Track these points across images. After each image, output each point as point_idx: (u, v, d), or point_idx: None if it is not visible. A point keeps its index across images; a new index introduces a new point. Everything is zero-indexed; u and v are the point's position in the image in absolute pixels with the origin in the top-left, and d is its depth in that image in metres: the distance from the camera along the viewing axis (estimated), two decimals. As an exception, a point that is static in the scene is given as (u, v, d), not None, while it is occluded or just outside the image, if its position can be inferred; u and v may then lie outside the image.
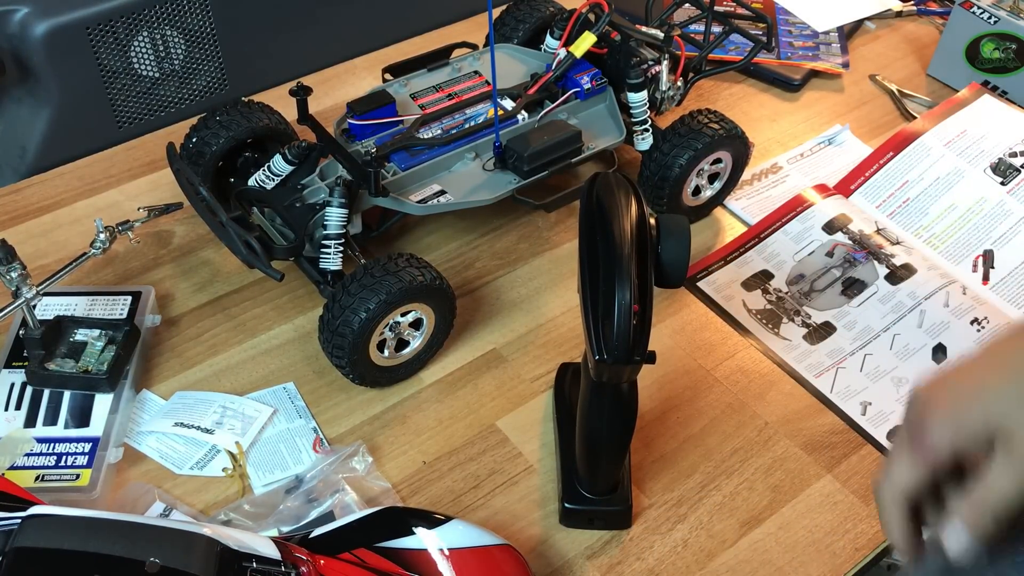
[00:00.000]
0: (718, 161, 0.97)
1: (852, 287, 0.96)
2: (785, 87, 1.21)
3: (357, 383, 0.83)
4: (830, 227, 1.01)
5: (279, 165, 0.87)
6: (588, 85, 0.95)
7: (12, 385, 0.80)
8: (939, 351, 0.91)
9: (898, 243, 1.00)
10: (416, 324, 0.83)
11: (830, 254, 0.99)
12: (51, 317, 0.83)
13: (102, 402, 0.79)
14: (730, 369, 0.89)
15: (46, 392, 0.80)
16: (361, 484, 0.76)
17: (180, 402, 0.81)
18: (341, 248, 0.84)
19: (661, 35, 0.96)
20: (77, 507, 0.60)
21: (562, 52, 0.95)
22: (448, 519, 0.68)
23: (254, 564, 0.60)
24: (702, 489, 0.79)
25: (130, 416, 0.80)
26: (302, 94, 0.85)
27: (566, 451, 0.77)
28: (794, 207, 1.03)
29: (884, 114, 1.19)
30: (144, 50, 1.05)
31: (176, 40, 1.07)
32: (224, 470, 0.78)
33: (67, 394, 0.79)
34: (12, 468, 0.75)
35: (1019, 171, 1.05)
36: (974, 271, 0.99)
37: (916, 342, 0.91)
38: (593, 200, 0.66)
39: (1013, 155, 1.07)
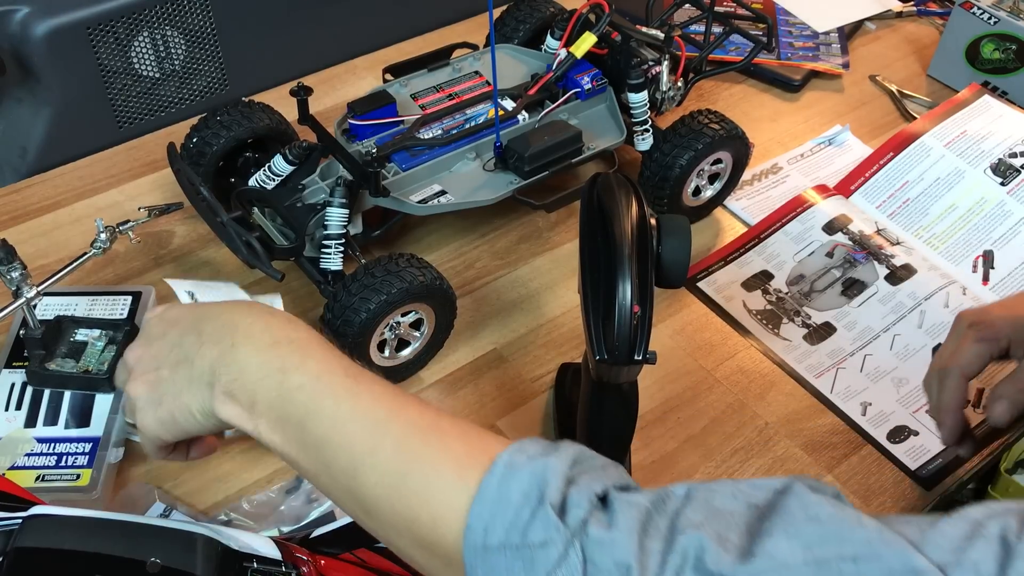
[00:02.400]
0: (718, 161, 0.97)
1: (852, 287, 0.96)
2: (785, 87, 1.21)
3: (357, 383, 0.83)
4: (830, 227, 1.01)
5: (280, 165, 0.87)
6: (588, 85, 0.95)
7: (12, 385, 0.80)
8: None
9: (898, 243, 1.00)
10: (416, 324, 0.83)
11: (830, 254, 0.99)
12: (51, 317, 0.83)
13: (102, 402, 0.79)
14: (730, 369, 0.89)
15: (46, 392, 0.80)
16: (362, 484, 0.76)
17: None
18: (342, 248, 0.84)
19: (661, 35, 0.96)
20: (78, 507, 0.60)
21: (563, 52, 0.95)
22: (449, 519, 0.67)
23: (255, 564, 0.60)
24: (702, 489, 0.79)
25: (130, 416, 0.80)
26: (303, 94, 0.85)
27: (566, 451, 0.77)
28: (794, 207, 1.03)
29: (884, 114, 1.19)
30: (144, 50, 1.05)
31: (176, 40, 1.06)
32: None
33: (67, 394, 0.79)
34: (12, 468, 0.74)
35: (1019, 171, 1.05)
36: (974, 271, 0.99)
37: (916, 342, 0.91)
38: (594, 200, 0.66)
39: (1013, 155, 1.07)
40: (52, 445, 0.76)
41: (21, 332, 0.81)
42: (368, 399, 0.54)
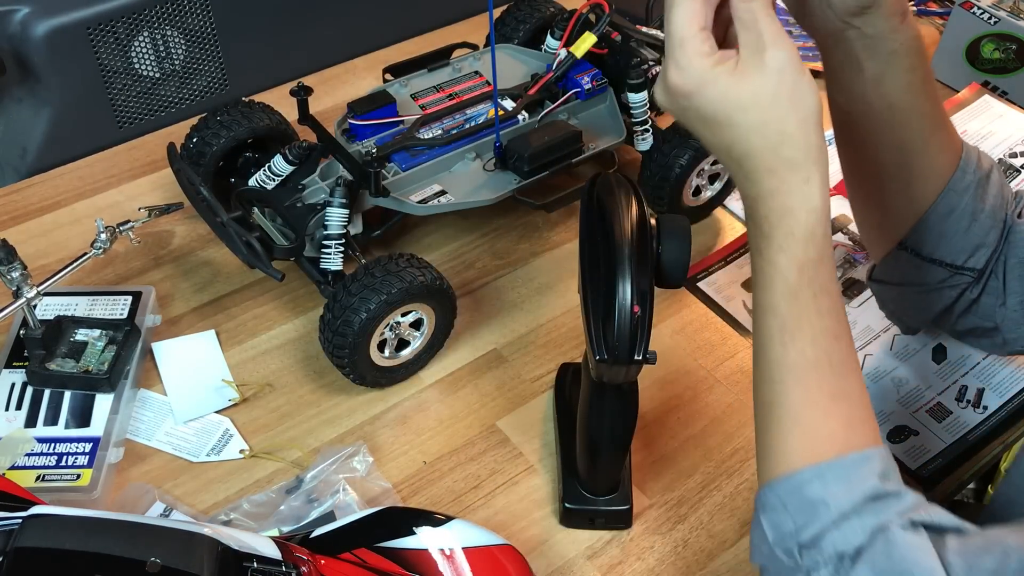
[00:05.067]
0: (718, 161, 0.97)
1: (852, 287, 0.96)
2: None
3: (357, 383, 0.83)
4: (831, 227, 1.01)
5: (280, 165, 0.87)
6: (588, 85, 0.95)
7: (13, 385, 0.80)
8: (939, 351, 0.90)
9: (898, 243, 1.00)
10: (417, 324, 0.83)
11: (830, 254, 0.99)
12: (51, 317, 0.83)
13: (103, 402, 0.79)
14: (730, 369, 0.89)
15: (47, 392, 0.80)
16: (362, 484, 0.76)
17: None
18: (342, 248, 0.84)
19: (662, 35, 0.96)
20: (78, 507, 0.60)
21: (563, 52, 0.95)
22: (449, 519, 0.68)
23: (255, 564, 0.60)
24: (702, 489, 0.79)
25: (130, 416, 0.80)
26: (303, 94, 0.85)
27: (567, 451, 0.77)
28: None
29: (884, 114, 1.19)
30: (144, 50, 1.05)
31: (177, 40, 1.07)
32: (241, 451, 0.78)
33: (67, 394, 0.79)
34: (13, 468, 0.75)
35: (1019, 171, 1.06)
36: (974, 271, 0.99)
37: (916, 343, 0.91)
38: (594, 201, 0.67)
39: (1013, 155, 1.07)
40: (52, 445, 0.76)
41: (21, 332, 0.81)
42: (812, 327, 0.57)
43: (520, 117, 0.93)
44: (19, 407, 0.79)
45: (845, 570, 0.53)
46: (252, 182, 0.88)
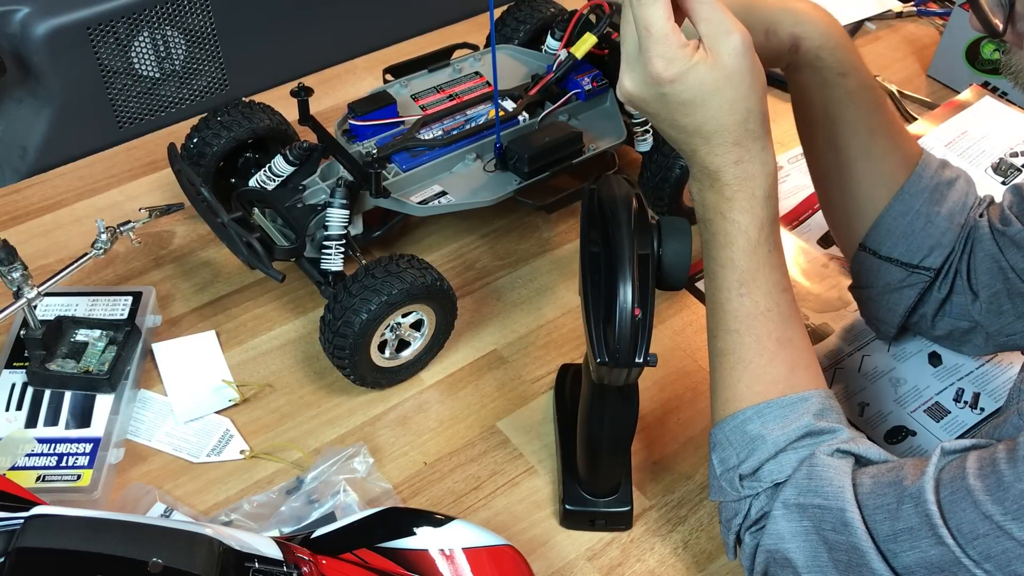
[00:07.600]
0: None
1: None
2: (785, 88, 1.19)
3: (358, 384, 0.83)
4: (825, 241, 1.01)
5: (280, 166, 0.87)
6: (589, 86, 0.95)
7: (13, 385, 0.80)
8: (934, 358, 0.90)
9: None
10: (417, 325, 0.83)
11: (825, 266, 0.99)
12: (52, 317, 0.83)
13: (103, 402, 0.79)
14: (730, 370, 0.89)
15: (47, 392, 0.80)
16: (362, 485, 0.76)
17: None
18: (342, 249, 0.84)
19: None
20: (78, 507, 0.60)
21: (563, 53, 0.95)
22: (449, 519, 0.68)
23: (256, 564, 0.60)
24: (703, 491, 0.80)
25: (131, 416, 0.80)
26: (303, 95, 0.85)
27: (567, 452, 0.77)
28: (805, 209, 1.03)
29: (884, 115, 1.19)
30: (145, 50, 1.05)
31: (177, 40, 1.07)
32: (241, 452, 0.78)
33: (68, 394, 0.79)
34: (13, 468, 0.75)
35: (1020, 171, 1.06)
36: (974, 272, 0.99)
37: (914, 344, 0.91)
38: (594, 203, 0.67)
39: (1014, 155, 1.07)
40: (53, 445, 0.76)
41: (22, 332, 0.81)
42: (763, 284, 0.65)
43: (520, 118, 0.93)
44: (19, 407, 0.79)
45: (777, 493, 0.62)
46: (252, 183, 0.88)
